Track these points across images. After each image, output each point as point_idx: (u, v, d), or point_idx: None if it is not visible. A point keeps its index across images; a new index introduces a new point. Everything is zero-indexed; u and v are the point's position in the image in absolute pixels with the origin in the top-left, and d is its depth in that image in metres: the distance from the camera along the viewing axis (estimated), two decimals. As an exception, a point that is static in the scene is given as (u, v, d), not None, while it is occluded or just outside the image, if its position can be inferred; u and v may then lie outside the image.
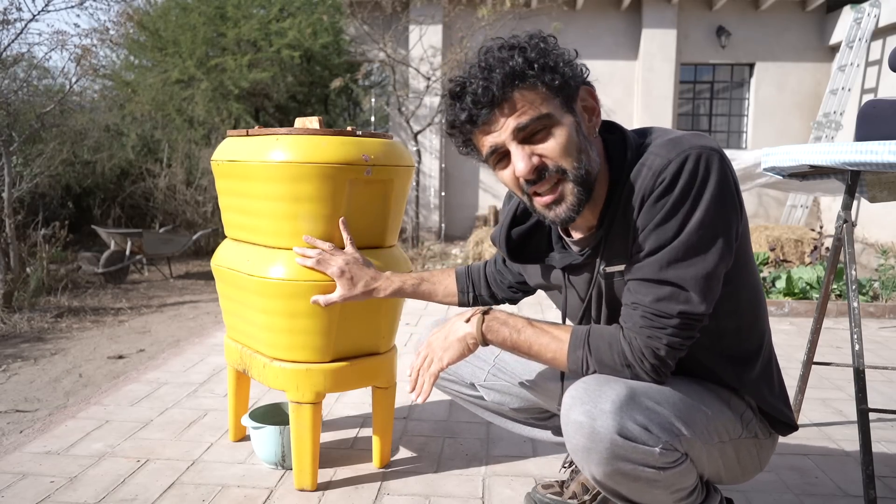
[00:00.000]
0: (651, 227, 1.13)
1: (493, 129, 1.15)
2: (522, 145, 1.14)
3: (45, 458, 2.04)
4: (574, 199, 1.17)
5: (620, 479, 1.14)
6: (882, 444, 2.22)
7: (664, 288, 1.13)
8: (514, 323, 1.26)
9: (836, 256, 2.15)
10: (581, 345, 1.20)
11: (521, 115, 1.12)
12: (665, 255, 1.13)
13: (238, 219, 1.91)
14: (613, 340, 1.18)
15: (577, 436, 1.13)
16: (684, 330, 1.14)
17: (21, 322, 3.94)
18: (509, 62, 1.11)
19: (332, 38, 8.40)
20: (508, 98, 1.12)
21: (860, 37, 8.12)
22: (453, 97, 1.17)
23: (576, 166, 1.15)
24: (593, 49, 9.46)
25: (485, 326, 1.26)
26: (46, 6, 4.85)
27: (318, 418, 1.79)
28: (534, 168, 1.15)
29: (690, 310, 1.13)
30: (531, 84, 1.12)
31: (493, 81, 1.10)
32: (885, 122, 1.84)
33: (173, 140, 7.73)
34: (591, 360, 1.19)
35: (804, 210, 8.49)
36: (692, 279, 1.12)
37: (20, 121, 5.15)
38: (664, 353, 1.15)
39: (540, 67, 1.12)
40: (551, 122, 1.14)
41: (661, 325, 1.14)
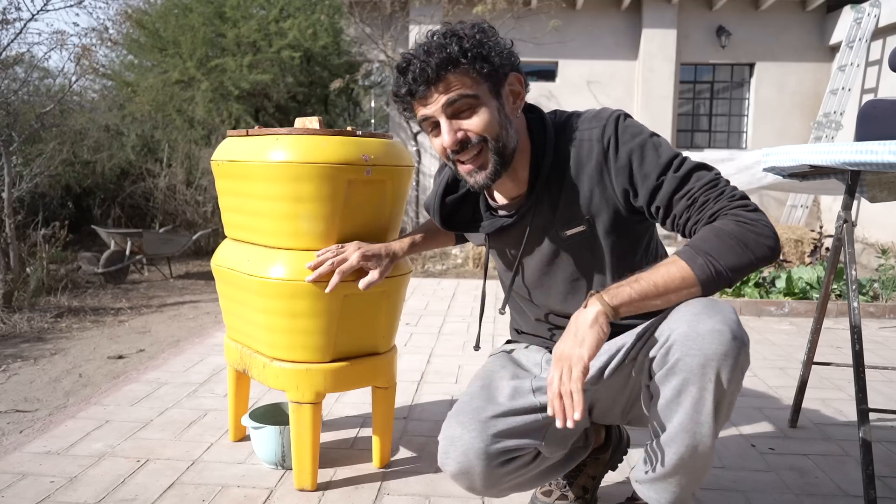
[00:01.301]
0: (637, 171, 1.32)
1: (427, 102, 1.33)
2: (450, 120, 1.33)
3: (45, 458, 2.04)
4: (492, 168, 1.35)
5: (734, 386, 1.19)
6: (882, 444, 2.22)
7: (688, 175, 1.30)
8: (628, 281, 1.23)
9: (836, 256, 2.15)
10: (696, 253, 1.21)
11: (450, 93, 1.31)
12: (664, 168, 1.31)
13: (238, 219, 1.91)
14: (718, 229, 1.23)
15: (715, 343, 1.15)
16: (730, 184, 1.31)
17: (21, 322, 3.94)
18: (447, 49, 1.29)
19: (332, 38, 8.39)
20: (442, 79, 1.30)
21: (860, 37, 8.12)
22: (399, 71, 1.34)
23: (495, 138, 1.34)
24: (593, 49, 9.46)
25: (606, 297, 1.20)
26: (45, 5, 4.85)
27: (318, 418, 1.79)
28: (457, 141, 1.33)
29: (714, 172, 1.32)
30: (463, 70, 1.30)
31: (430, 64, 1.29)
32: (885, 122, 1.85)
33: (173, 140, 7.73)
34: (715, 259, 1.20)
35: (804, 210, 8.49)
36: (667, 145, 1.34)
37: (20, 121, 5.16)
38: (745, 197, 1.28)
39: (472, 57, 1.30)
40: (476, 102, 1.32)
41: (722, 190, 1.28)
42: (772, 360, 3.25)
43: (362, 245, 1.69)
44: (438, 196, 1.57)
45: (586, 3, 9.23)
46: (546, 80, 9.65)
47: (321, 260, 1.67)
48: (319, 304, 1.70)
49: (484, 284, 1.69)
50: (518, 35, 8.72)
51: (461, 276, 6.15)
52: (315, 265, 1.66)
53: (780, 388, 2.80)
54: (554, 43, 9.06)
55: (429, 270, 6.51)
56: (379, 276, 1.68)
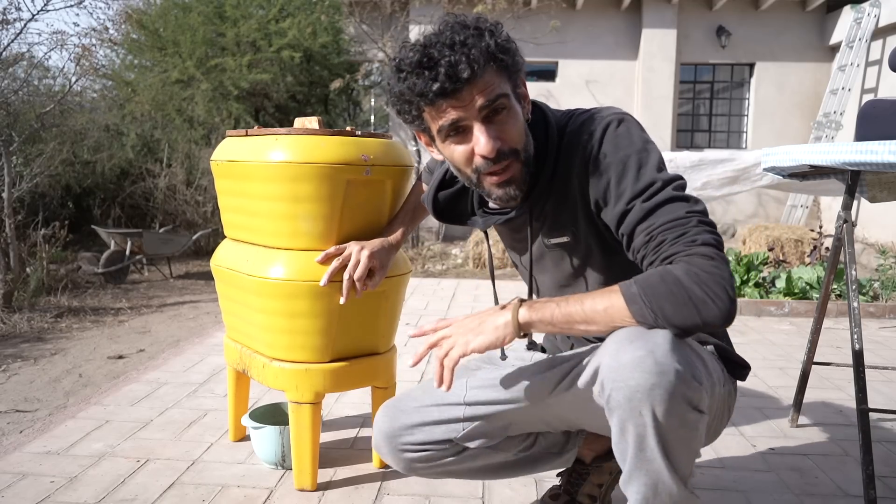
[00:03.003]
0: (613, 188, 1.19)
1: (460, 104, 1.16)
2: (486, 125, 1.18)
3: (45, 458, 2.04)
4: (521, 180, 1.24)
5: (675, 422, 1.03)
6: (882, 444, 2.22)
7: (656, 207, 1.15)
8: (561, 300, 1.14)
9: (836, 256, 2.15)
10: (637, 291, 1.08)
11: (489, 93, 1.16)
12: (638, 192, 1.16)
13: (237, 219, 1.91)
14: (665, 273, 1.08)
15: (638, 373, 1.02)
16: (704, 223, 1.13)
17: (21, 322, 3.94)
18: (482, 41, 1.15)
19: (332, 37, 8.40)
20: (482, 75, 1.15)
21: (860, 37, 8.12)
22: (420, 66, 1.14)
23: (525, 149, 1.23)
24: (593, 49, 9.46)
25: (523, 310, 1.14)
26: (46, 5, 4.85)
27: (318, 418, 1.79)
28: (497, 148, 1.18)
29: (691, 207, 1.15)
30: (499, 66, 1.17)
31: (473, 57, 1.13)
32: (885, 122, 1.85)
33: (173, 140, 7.73)
34: (656, 309, 1.06)
35: (804, 210, 8.50)
36: (657, 166, 1.18)
37: (20, 121, 5.15)
38: (710, 244, 1.10)
39: (506, 50, 1.18)
40: (509, 103, 1.20)
41: (685, 231, 1.12)
42: (772, 360, 3.25)
43: (363, 244, 1.67)
44: (432, 191, 1.47)
45: (586, 3, 9.23)
46: (546, 80, 9.65)
47: (327, 256, 1.66)
48: (319, 304, 1.70)
49: (494, 287, 1.57)
50: (518, 35, 8.71)
51: (461, 276, 6.15)
52: (323, 260, 1.66)
53: (780, 388, 2.80)
54: (554, 43, 9.06)
55: (429, 270, 6.51)
56: (382, 275, 1.67)
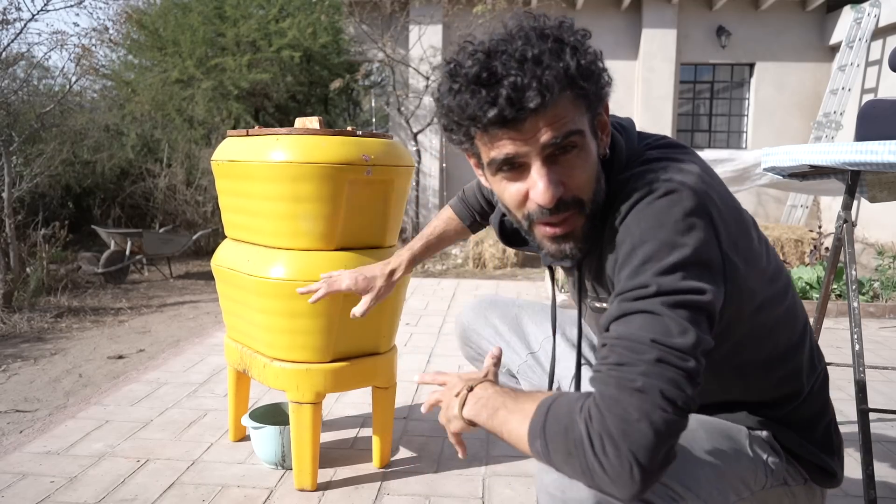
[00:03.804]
0: (618, 269, 0.95)
1: (521, 136, 0.90)
2: (548, 166, 0.93)
3: (45, 458, 2.04)
4: (582, 237, 0.99)
5: None
6: (882, 444, 2.22)
7: (632, 316, 0.88)
8: (493, 402, 0.98)
9: (836, 256, 2.14)
10: (539, 433, 0.89)
11: (560, 128, 0.90)
12: (631, 289, 0.90)
13: (238, 219, 1.91)
14: (570, 422, 0.85)
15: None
16: (663, 361, 0.82)
17: (21, 322, 3.94)
18: (561, 60, 0.88)
19: (332, 37, 8.40)
20: (557, 102, 0.89)
21: (860, 37, 8.12)
22: (478, 82, 0.88)
23: (591, 199, 0.97)
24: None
25: (467, 406, 1.02)
26: (46, 5, 4.85)
27: (318, 418, 1.79)
28: (556, 197, 0.93)
29: (665, 337, 0.84)
30: (577, 94, 0.91)
31: (546, 82, 0.87)
32: (885, 122, 1.84)
33: (173, 140, 7.73)
34: (551, 455, 0.88)
35: (804, 210, 8.50)
36: (669, 268, 0.87)
37: (20, 121, 5.15)
38: (644, 392, 0.81)
39: (589, 75, 0.91)
40: (583, 141, 0.93)
41: (630, 363, 0.84)
42: (772, 360, 3.25)
43: (353, 270, 1.57)
44: (498, 215, 1.26)
45: (586, 3, 9.23)
46: (546, 80, 9.65)
47: (316, 287, 1.57)
48: (319, 304, 1.70)
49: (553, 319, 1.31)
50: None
51: (461, 276, 6.15)
52: (310, 291, 1.58)
53: (780, 388, 2.80)
54: (554, 43, 9.05)
55: (429, 270, 6.51)
56: (371, 303, 1.54)
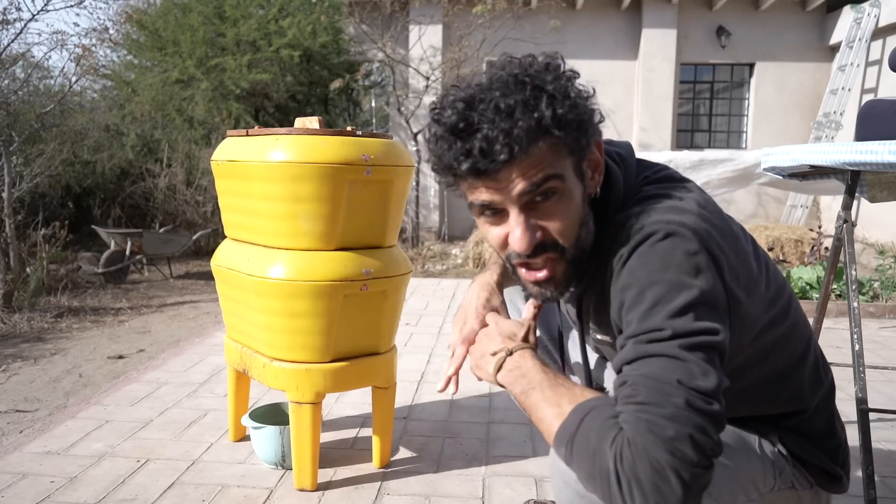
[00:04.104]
0: (625, 313, 0.94)
1: (496, 185, 0.93)
2: (525, 212, 0.94)
3: (45, 458, 2.04)
4: (564, 281, 1.01)
5: None
6: (882, 444, 2.22)
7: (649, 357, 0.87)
8: (530, 379, 0.98)
9: (836, 256, 2.14)
10: (566, 441, 0.90)
11: (534, 175, 0.91)
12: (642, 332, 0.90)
13: (238, 219, 1.91)
14: (600, 450, 0.85)
15: (561, 495, 1.01)
16: (691, 407, 0.83)
17: (21, 322, 3.94)
18: (535, 111, 0.89)
19: (332, 37, 8.40)
20: (529, 152, 0.90)
21: (860, 37, 8.12)
22: (454, 133, 0.91)
23: (574, 245, 0.98)
24: (593, 49, 9.46)
25: (503, 371, 1.02)
26: (46, 5, 4.85)
27: (318, 418, 1.79)
28: (536, 243, 0.95)
29: (690, 380, 0.84)
30: (553, 142, 0.91)
31: (515, 135, 0.88)
32: (885, 122, 1.84)
33: (173, 140, 7.73)
34: (574, 466, 0.89)
35: (804, 210, 8.50)
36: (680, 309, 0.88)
37: (20, 121, 5.15)
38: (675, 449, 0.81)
39: (566, 124, 0.91)
40: (563, 186, 0.94)
41: (660, 403, 0.83)
42: (772, 360, 3.25)
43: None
44: None
45: (586, 3, 9.23)
46: (546, 80, 9.64)
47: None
48: (319, 304, 1.70)
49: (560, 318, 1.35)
50: (518, 35, 8.74)
51: (461, 276, 6.15)
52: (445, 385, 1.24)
53: (780, 388, 2.80)
54: (554, 43, 9.05)
55: (429, 270, 6.51)
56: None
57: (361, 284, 1.74)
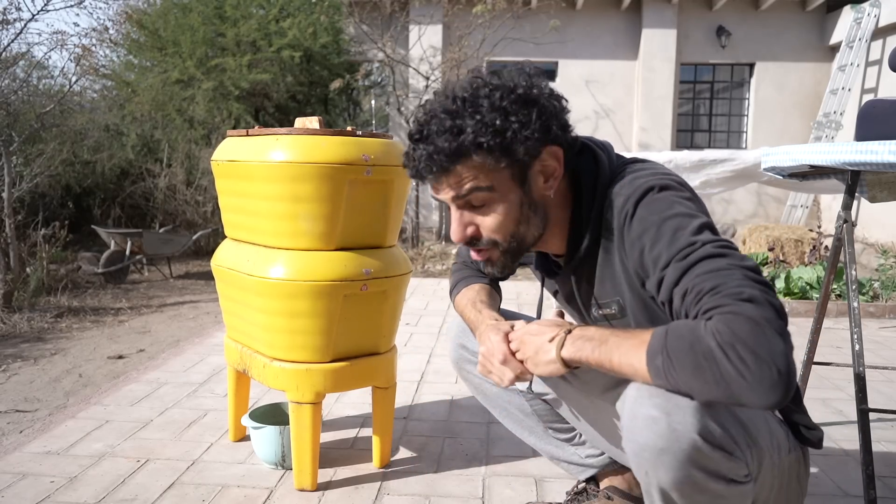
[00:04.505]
0: (648, 254, 1.06)
1: (436, 189, 1.17)
2: (462, 210, 1.16)
3: (45, 458, 2.04)
4: (501, 265, 1.21)
5: (689, 490, 0.98)
6: (882, 444, 2.22)
7: (692, 265, 0.99)
8: (601, 335, 1.05)
9: (836, 256, 2.14)
10: (660, 350, 0.96)
11: (461, 186, 1.13)
12: (673, 255, 1.02)
13: (238, 219, 1.91)
14: (696, 338, 0.91)
15: (648, 432, 0.97)
16: (750, 278, 0.95)
17: (21, 322, 3.94)
18: (459, 136, 1.08)
19: (332, 38, 8.40)
20: (451, 171, 1.11)
21: (860, 37, 8.12)
22: (410, 139, 1.16)
23: (508, 240, 1.17)
24: (593, 49, 9.46)
25: (567, 346, 1.08)
26: (46, 5, 4.85)
27: (318, 418, 1.79)
28: (466, 237, 1.17)
29: (734, 261, 0.97)
30: (478, 160, 1.10)
31: (436, 152, 1.09)
32: (885, 122, 1.84)
33: (173, 140, 7.73)
34: (675, 370, 0.94)
35: (804, 210, 8.50)
36: (698, 229, 1.02)
37: (20, 121, 5.15)
38: (757, 301, 0.90)
39: (488, 149, 1.09)
40: (491, 195, 1.13)
41: (725, 282, 0.93)
42: (772, 360, 3.25)
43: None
44: None
45: (586, 3, 9.24)
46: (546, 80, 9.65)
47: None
48: (319, 304, 1.70)
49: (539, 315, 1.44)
50: (518, 35, 8.74)
51: (461, 276, 6.14)
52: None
53: (780, 388, 2.79)
54: (554, 43, 9.07)
55: (429, 270, 6.51)
56: None
57: (361, 284, 1.75)
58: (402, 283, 1.88)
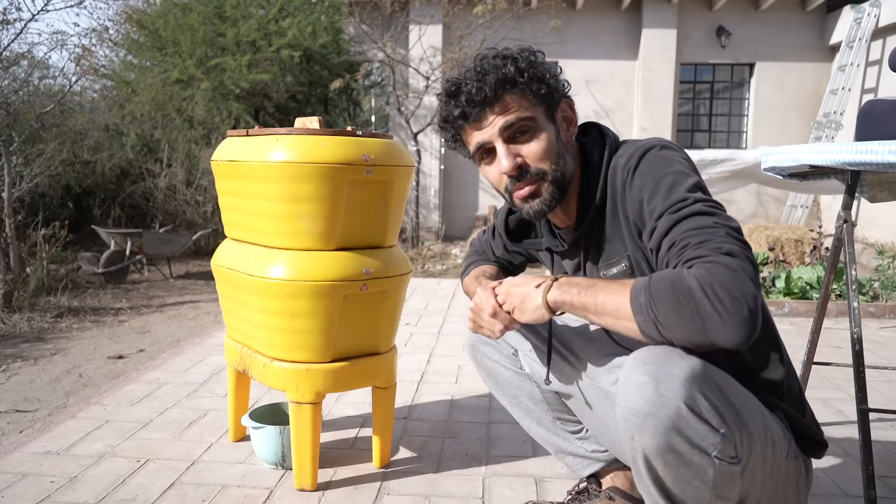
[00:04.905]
0: (646, 206, 1.18)
1: (482, 125, 1.26)
2: (508, 144, 1.25)
3: (45, 458, 2.04)
4: (548, 196, 1.28)
5: (671, 458, 1.02)
6: (882, 444, 2.22)
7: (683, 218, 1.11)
8: (586, 282, 1.16)
9: (836, 256, 2.14)
10: (643, 289, 1.05)
11: (509, 115, 1.24)
12: (667, 208, 1.14)
13: (238, 219, 1.91)
14: (677, 279, 1.02)
15: (637, 397, 1.01)
16: (733, 236, 1.07)
17: (21, 322, 3.94)
18: (502, 69, 1.23)
19: (332, 37, 8.40)
20: (499, 99, 1.24)
21: (860, 37, 8.12)
22: (448, 95, 1.28)
23: (553, 168, 1.27)
24: (593, 49, 9.46)
25: (553, 291, 1.17)
26: (46, 5, 4.85)
27: (318, 418, 1.79)
28: (516, 166, 1.25)
29: (720, 220, 1.09)
30: (520, 90, 1.25)
31: (487, 83, 1.22)
32: (885, 122, 1.84)
33: (173, 140, 7.73)
34: (656, 307, 1.03)
35: (804, 210, 8.50)
36: (692, 187, 1.15)
37: (20, 121, 5.15)
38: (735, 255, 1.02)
39: (529, 77, 1.24)
40: (535, 125, 1.26)
41: (710, 238, 1.05)
42: (772, 360, 3.25)
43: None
44: (503, 213, 1.56)
45: (586, 3, 9.23)
46: (546, 80, 9.64)
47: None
48: (319, 304, 1.70)
49: None
50: (518, 35, 8.73)
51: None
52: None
53: (780, 388, 2.80)
54: (554, 43, 9.06)
55: (429, 270, 6.51)
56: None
57: (361, 284, 1.75)
58: (402, 283, 1.88)
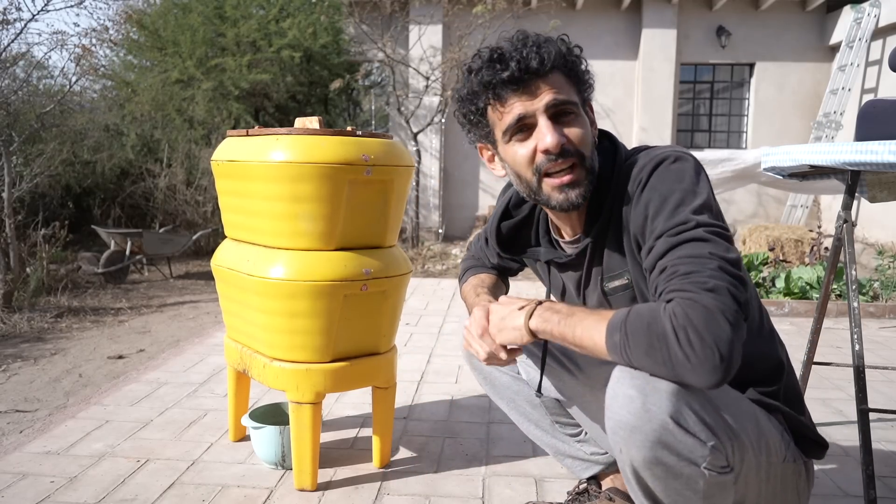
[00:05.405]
0: (649, 223, 1.14)
1: (530, 95, 1.17)
2: (553, 122, 1.18)
3: (45, 458, 2.04)
4: (585, 187, 1.22)
5: (660, 471, 1.02)
6: (882, 444, 2.22)
7: (680, 243, 1.07)
8: (567, 310, 1.13)
9: (836, 256, 2.14)
10: (619, 327, 1.03)
11: (559, 93, 1.17)
12: (669, 228, 1.10)
13: (238, 219, 1.91)
14: (653, 319, 0.99)
15: (624, 411, 1.01)
16: (724, 269, 1.01)
17: (21, 322, 3.94)
18: (553, 45, 1.17)
19: (332, 38, 8.40)
20: (552, 73, 1.17)
21: (860, 37, 8.12)
22: (492, 60, 1.17)
23: (590, 155, 1.22)
24: (593, 49, 9.45)
25: (534, 318, 1.15)
26: (46, 5, 4.85)
27: (318, 418, 1.79)
28: (563, 142, 1.18)
29: (716, 250, 1.03)
30: (570, 72, 1.20)
31: (545, 53, 1.15)
32: (885, 122, 1.84)
33: (173, 140, 7.73)
34: (630, 348, 1.01)
35: (804, 210, 8.50)
36: (698, 208, 1.10)
37: (20, 121, 5.15)
38: (719, 292, 0.97)
39: (575, 61, 1.21)
40: (577, 111, 1.21)
41: (699, 270, 1.01)
42: (772, 360, 3.25)
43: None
44: (495, 219, 1.46)
45: (586, 3, 9.23)
46: (546, 80, 9.64)
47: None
48: (319, 304, 1.70)
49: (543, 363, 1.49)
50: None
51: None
52: None
53: (780, 388, 2.80)
54: (554, 43, 9.05)
55: (429, 270, 6.51)
56: None
57: (361, 284, 1.75)
58: (402, 283, 1.88)
